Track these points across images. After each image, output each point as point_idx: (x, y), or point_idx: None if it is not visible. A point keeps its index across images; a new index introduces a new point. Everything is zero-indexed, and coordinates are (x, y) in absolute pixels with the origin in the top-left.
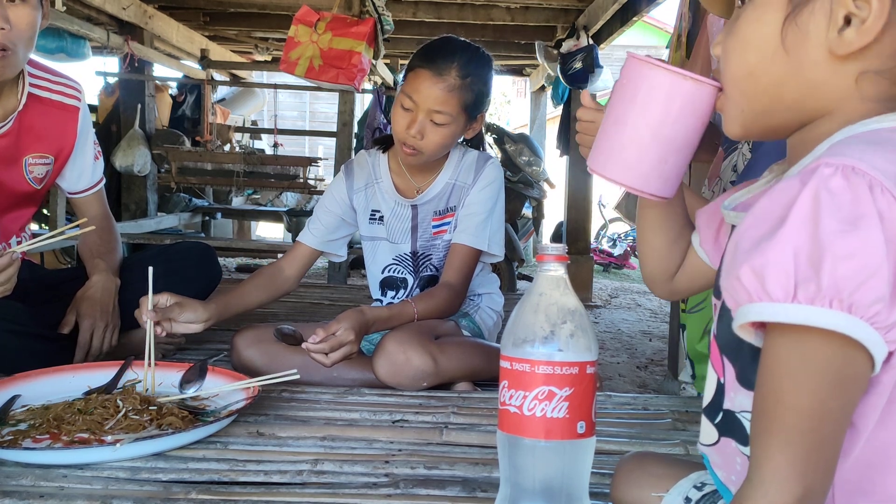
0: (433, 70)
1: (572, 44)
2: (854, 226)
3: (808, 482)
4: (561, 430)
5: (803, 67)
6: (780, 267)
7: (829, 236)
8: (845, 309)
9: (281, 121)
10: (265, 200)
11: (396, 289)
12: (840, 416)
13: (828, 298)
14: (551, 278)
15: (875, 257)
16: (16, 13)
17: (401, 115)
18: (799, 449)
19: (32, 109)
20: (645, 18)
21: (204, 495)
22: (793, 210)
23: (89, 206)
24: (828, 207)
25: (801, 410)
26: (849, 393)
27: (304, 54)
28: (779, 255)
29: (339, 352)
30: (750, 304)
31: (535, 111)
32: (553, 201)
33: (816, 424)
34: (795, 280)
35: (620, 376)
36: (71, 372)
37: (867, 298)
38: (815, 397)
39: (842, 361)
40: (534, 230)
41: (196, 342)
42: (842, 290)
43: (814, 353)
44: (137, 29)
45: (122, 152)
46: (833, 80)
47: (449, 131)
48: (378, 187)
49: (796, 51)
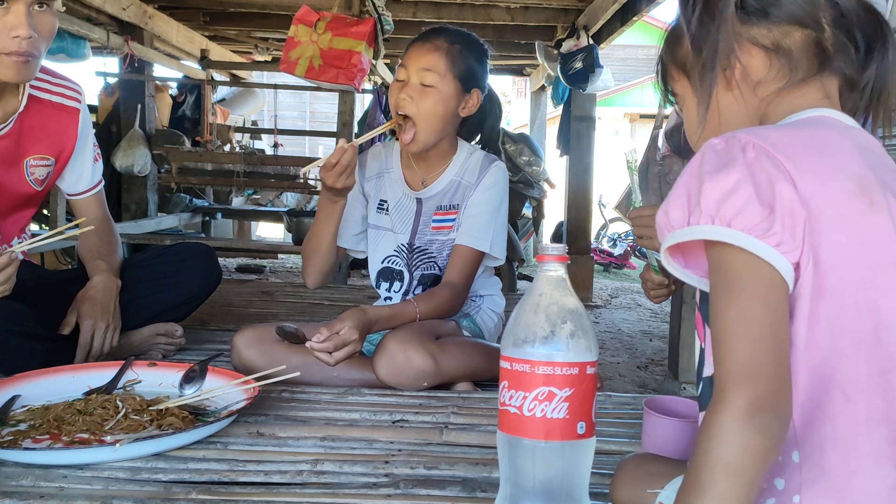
0: (423, 39)
1: (572, 44)
2: (725, 165)
3: (755, 383)
4: (561, 430)
5: (739, 101)
6: (677, 203)
7: (705, 175)
8: (724, 224)
9: (281, 121)
10: (265, 201)
11: (392, 281)
12: (768, 321)
13: (708, 216)
14: (551, 278)
15: (741, 185)
16: (41, 20)
17: (395, 86)
18: (740, 354)
19: (33, 111)
20: (645, 18)
21: (204, 495)
22: (688, 166)
23: (88, 207)
24: (708, 159)
25: (732, 319)
26: (767, 300)
27: (304, 54)
28: (675, 196)
29: (342, 351)
30: (664, 237)
31: (535, 111)
32: (553, 201)
33: (748, 329)
34: (688, 209)
35: (620, 376)
36: (71, 372)
37: (741, 214)
38: (739, 306)
39: (751, 272)
40: (533, 230)
41: (196, 342)
42: (718, 209)
43: (728, 267)
44: (137, 29)
45: (122, 153)
46: (744, 104)
47: (438, 96)
48: (388, 177)
49: (734, 92)
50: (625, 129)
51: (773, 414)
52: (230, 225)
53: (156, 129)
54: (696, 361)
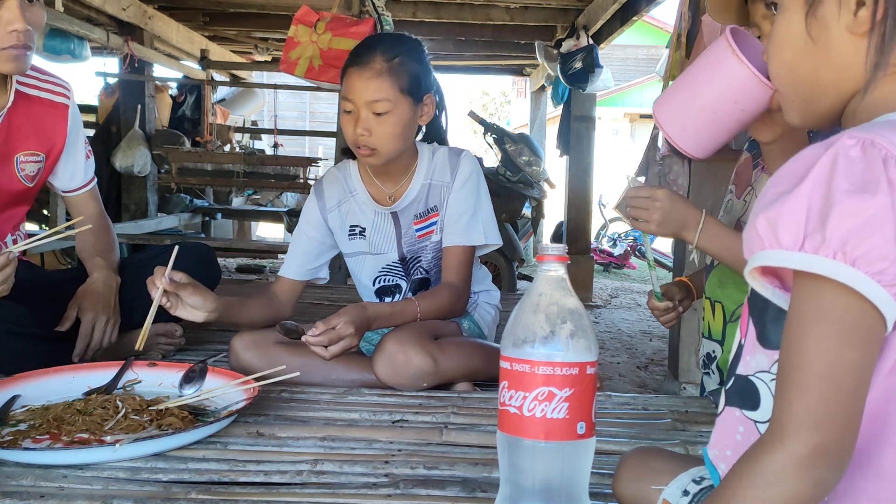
0: (358, 65)
1: (572, 44)
2: (863, 188)
3: (823, 433)
4: (561, 430)
5: (830, 52)
6: (792, 217)
7: (838, 194)
8: (849, 262)
9: (281, 121)
10: (265, 201)
11: (392, 295)
12: (857, 369)
13: (832, 249)
14: (551, 278)
15: (880, 217)
16: (32, 14)
17: (346, 120)
18: (815, 398)
19: (21, 107)
20: (645, 18)
21: (204, 495)
22: (812, 171)
23: (84, 204)
24: (843, 171)
25: (818, 359)
26: (864, 347)
27: (303, 54)
28: (792, 207)
29: (338, 345)
30: (762, 251)
31: (535, 111)
32: (553, 201)
33: (833, 374)
34: (805, 231)
35: (620, 376)
36: (71, 372)
37: (871, 254)
38: (830, 347)
39: (856, 315)
40: (533, 231)
41: (196, 342)
42: (846, 243)
43: (829, 304)
44: (137, 29)
45: (122, 153)
46: (858, 57)
47: (395, 119)
48: (354, 200)
49: (821, 39)
50: (625, 129)
51: (834, 468)
52: (230, 225)
53: (156, 130)
54: (733, 355)
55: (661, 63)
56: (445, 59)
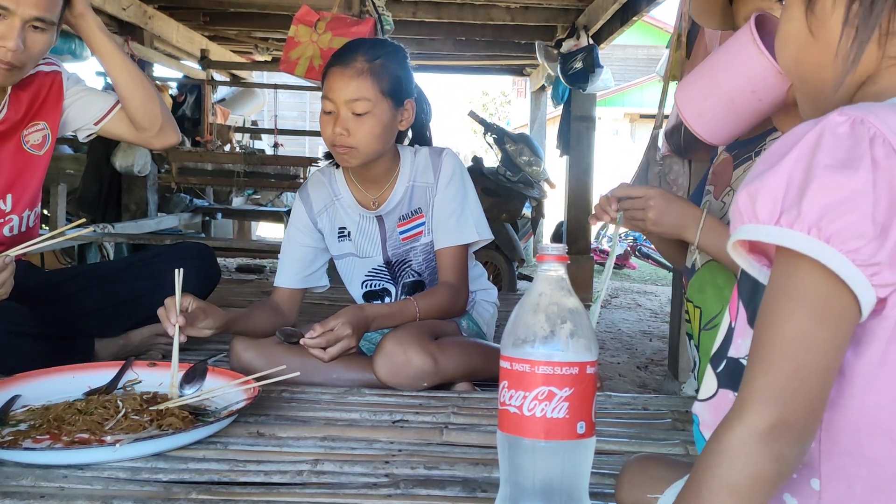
0: (340, 64)
1: (572, 44)
2: (846, 165)
3: (783, 409)
4: (561, 430)
5: (830, 47)
6: (771, 192)
7: (819, 169)
8: (823, 238)
9: (281, 121)
10: (265, 200)
11: (381, 299)
12: (825, 349)
13: (806, 224)
14: (551, 278)
15: (860, 195)
16: (34, 39)
17: (325, 120)
18: (778, 374)
19: (19, 87)
20: (645, 18)
21: (204, 495)
22: (797, 145)
23: (123, 121)
24: (827, 146)
25: (786, 336)
26: (835, 328)
27: (304, 54)
28: (773, 181)
29: (336, 347)
30: (741, 224)
31: (535, 111)
32: (553, 201)
33: (797, 352)
34: (783, 205)
35: (620, 376)
36: (71, 372)
37: (846, 232)
38: (799, 324)
39: (826, 293)
40: (533, 231)
41: (196, 342)
42: (821, 218)
43: (801, 281)
44: (137, 29)
45: (122, 152)
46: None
47: (375, 120)
48: (339, 203)
49: (820, 34)
50: (625, 129)
51: (794, 443)
52: (230, 225)
53: None
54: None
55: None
56: (445, 59)
